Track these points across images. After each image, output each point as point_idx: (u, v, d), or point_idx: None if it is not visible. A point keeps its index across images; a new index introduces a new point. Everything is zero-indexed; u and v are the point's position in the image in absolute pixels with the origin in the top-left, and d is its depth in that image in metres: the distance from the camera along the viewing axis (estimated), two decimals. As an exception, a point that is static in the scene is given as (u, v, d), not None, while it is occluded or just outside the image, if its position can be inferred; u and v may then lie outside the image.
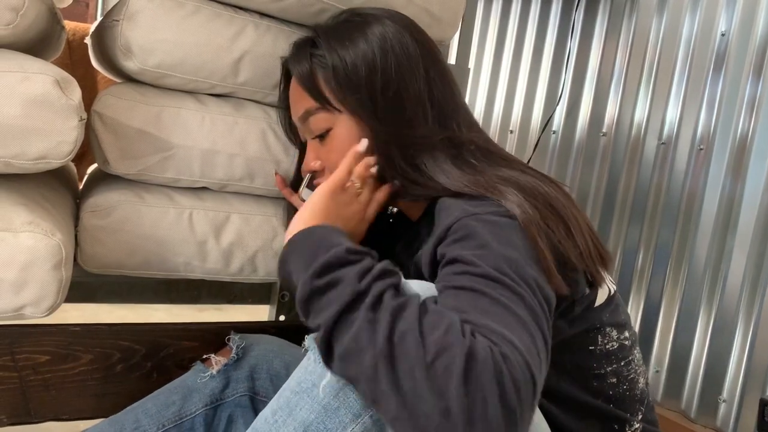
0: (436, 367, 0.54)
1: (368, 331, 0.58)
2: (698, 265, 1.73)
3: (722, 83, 1.72)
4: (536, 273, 0.67)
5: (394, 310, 0.58)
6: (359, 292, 0.61)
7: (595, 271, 0.77)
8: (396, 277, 0.65)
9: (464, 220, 0.71)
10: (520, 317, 0.60)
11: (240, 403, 1.00)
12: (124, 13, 0.92)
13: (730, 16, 1.72)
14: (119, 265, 0.98)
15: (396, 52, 0.86)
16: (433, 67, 0.89)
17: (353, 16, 0.92)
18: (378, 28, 0.87)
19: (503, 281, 0.63)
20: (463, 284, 0.63)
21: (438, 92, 0.88)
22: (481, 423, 0.52)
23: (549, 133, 2.19)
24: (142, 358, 1.08)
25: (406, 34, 0.88)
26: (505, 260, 0.65)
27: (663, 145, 1.85)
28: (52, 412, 1.04)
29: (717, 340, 1.67)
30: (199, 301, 1.65)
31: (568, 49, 2.15)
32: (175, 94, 1.00)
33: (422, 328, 0.57)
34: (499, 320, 0.59)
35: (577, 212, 0.77)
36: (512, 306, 0.61)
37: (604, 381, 0.82)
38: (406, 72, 0.86)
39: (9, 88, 0.76)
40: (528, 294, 0.63)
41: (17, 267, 0.77)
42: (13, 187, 0.85)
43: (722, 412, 1.66)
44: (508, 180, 0.77)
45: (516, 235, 0.70)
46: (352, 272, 0.63)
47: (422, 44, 0.90)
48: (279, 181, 1.03)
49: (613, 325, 0.83)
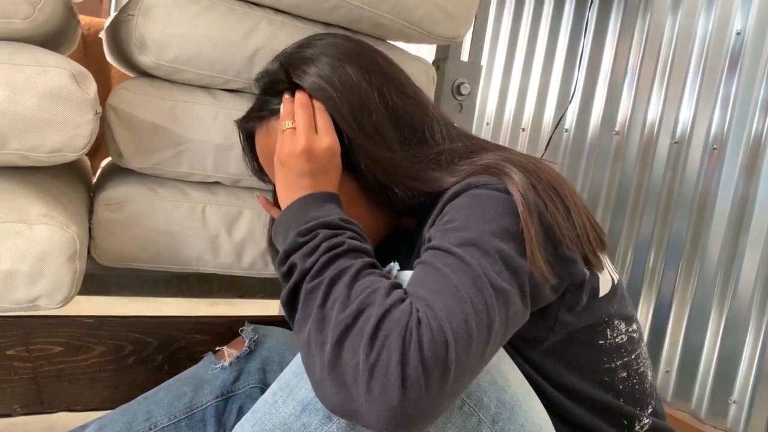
0: (355, 327, 0.58)
1: (307, 301, 0.63)
2: (710, 265, 1.72)
3: (736, 83, 1.71)
4: (506, 245, 0.66)
5: (330, 280, 0.63)
6: (308, 265, 0.66)
7: (592, 255, 0.76)
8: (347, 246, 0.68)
9: (456, 200, 0.72)
10: (455, 285, 0.61)
11: (251, 395, 1.01)
12: (139, 8, 0.92)
13: (745, 15, 1.71)
14: (132, 258, 0.99)
15: (336, 89, 0.83)
16: (386, 87, 0.85)
17: (287, 64, 0.89)
18: (313, 70, 0.85)
19: (454, 251, 0.64)
20: (422, 259, 0.66)
21: (403, 112, 0.85)
22: (380, 380, 0.55)
23: (561, 132, 2.18)
24: (154, 351, 1.09)
25: (345, 65, 0.84)
26: (471, 233, 0.66)
27: (676, 145, 1.84)
28: (64, 402, 1.05)
29: (728, 341, 1.67)
30: (211, 296, 1.66)
31: (581, 47, 2.14)
32: (189, 89, 1.01)
33: (350, 293, 0.61)
34: (430, 287, 0.61)
35: (576, 196, 0.77)
36: (451, 274, 0.62)
37: (615, 375, 0.82)
38: (353, 106, 0.83)
39: (26, 82, 0.77)
40: (482, 262, 0.63)
41: (32, 259, 0.78)
42: (29, 180, 0.86)
43: (733, 413, 1.65)
44: (510, 160, 0.77)
45: (499, 208, 0.69)
46: (307, 249, 0.68)
47: (367, 68, 0.86)
48: (264, 202, 1.01)
49: (622, 318, 0.83)
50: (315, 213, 0.73)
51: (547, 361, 0.79)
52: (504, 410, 0.70)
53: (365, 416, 0.56)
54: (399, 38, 1.18)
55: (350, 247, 0.67)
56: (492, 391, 0.69)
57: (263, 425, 0.69)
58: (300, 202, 0.77)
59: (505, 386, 0.71)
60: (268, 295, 1.52)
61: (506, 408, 0.70)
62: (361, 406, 0.56)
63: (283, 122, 0.82)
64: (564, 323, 0.76)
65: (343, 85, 0.83)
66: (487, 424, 0.69)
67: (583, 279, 0.74)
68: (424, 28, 1.12)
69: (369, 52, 0.90)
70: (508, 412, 0.70)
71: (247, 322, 1.08)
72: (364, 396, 0.56)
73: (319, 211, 0.74)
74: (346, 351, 0.58)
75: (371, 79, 0.84)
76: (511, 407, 0.70)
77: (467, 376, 0.59)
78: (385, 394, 0.55)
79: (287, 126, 0.81)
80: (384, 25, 1.09)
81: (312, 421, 0.67)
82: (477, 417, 0.68)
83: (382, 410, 0.55)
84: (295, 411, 0.68)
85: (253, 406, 0.72)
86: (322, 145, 0.80)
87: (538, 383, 0.79)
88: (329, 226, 0.70)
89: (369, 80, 0.84)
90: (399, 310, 0.58)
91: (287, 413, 0.68)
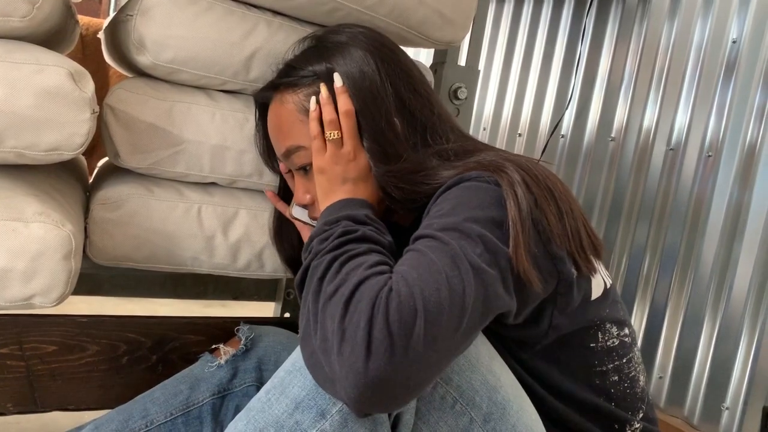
0: (336, 296, 0.62)
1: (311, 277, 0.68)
2: (704, 272, 1.72)
3: (732, 90, 1.71)
4: (488, 231, 0.67)
5: (332, 257, 0.67)
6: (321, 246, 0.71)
7: (584, 259, 0.75)
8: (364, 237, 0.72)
9: (446, 193, 0.74)
10: (431, 260, 0.63)
11: (248, 393, 1.01)
12: (138, 8, 0.93)
13: (741, 23, 1.72)
14: (127, 258, 0.99)
15: (359, 86, 0.86)
16: (404, 85, 0.88)
17: (318, 43, 0.93)
18: (339, 60, 0.87)
19: (436, 235, 0.66)
20: (410, 247, 0.69)
21: (415, 110, 0.87)
22: (349, 343, 0.57)
23: (557, 137, 2.19)
24: (148, 351, 1.09)
25: (369, 59, 0.87)
26: (455, 218, 0.68)
27: (671, 151, 1.85)
28: (57, 401, 1.05)
29: (721, 348, 1.67)
30: (205, 297, 1.66)
31: (579, 53, 2.15)
32: (187, 89, 1.01)
33: (341, 268, 0.65)
34: (408, 263, 0.64)
35: (572, 199, 0.77)
36: (429, 252, 0.64)
37: (607, 378, 0.82)
38: (372, 103, 0.85)
39: (23, 80, 0.77)
40: (461, 243, 0.65)
41: (28, 257, 0.78)
42: (25, 178, 0.86)
43: (725, 419, 1.65)
44: (508, 159, 0.78)
45: (486, 198, 0.70)
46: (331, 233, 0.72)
47: (389, 64, 0.88)
48: (271, 196, 1.04)
49: (613, 322, 0.83)
50: (347, 211, 0.78)
51: (539, 363, 0.80)
52: (496, 410, 0.70)
53: (338, 384, 0.58)
54: (397, 42, 1.18)
55: (363, 235, 0.71)
56: (484, 390, 0.69)
57: (256, 423, 0.69)
58: (340, 203, 0.81)
59: (497, 386, 0.71)
60: (262, 297, 1.52)
61: (498, 408, 0.70)
62: (336, 373, 0.59)
63: (328, 130, 0.84)
64: (557, 327, 0.77)
65: (369, 80, 0.85)
66: (478, 424, 0.69)
67: (571, 279, 0.75)
68: (422, 32, 1.13)
69: (392, 47, 0.92)
70: (500, 412, 0.70)
71: (243, 322, 1.09)
72: (337, 360, 0.58)
73: (354, 211, 0.77)
74: (327, 317, 0.61)
75: (391, 75, 0.87)
76: (503, 407, 0.71)
77: (440, 347, 0.60)
78: (352, 355, 0.57)
79: (334, 136, 0.84)
80: (382, 29, 1.09)
81: (305, 418, 0.67)
82: (469, 416, 0.69)
83: (350, 373, 0.57)
84: (288, 409, 0.68)
85: (247, 404, 0.72)
86: (365, 156, 0.84)
87: (529, 385, 0.79)
88: (353, 219, 0.75)
89: (389, 76, 0.87)
90: (375, 279, 0.61)
91: (280, 411, 0.68)
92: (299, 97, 0.89)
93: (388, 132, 0.84)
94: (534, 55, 2.32)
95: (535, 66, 2.32)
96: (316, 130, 0.85)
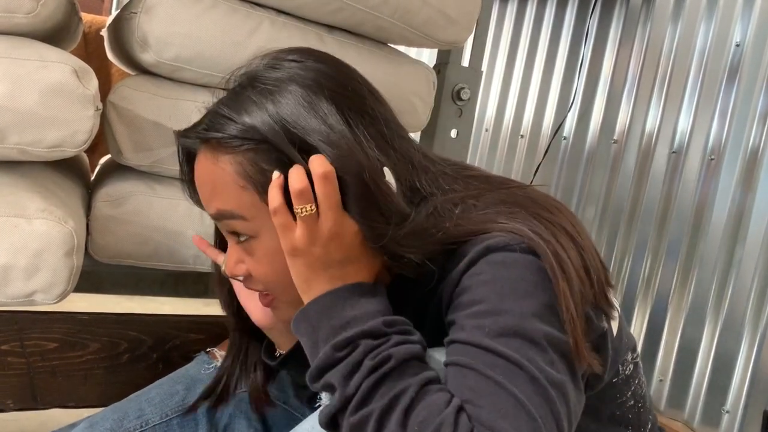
0: None
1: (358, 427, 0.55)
2: (706, 276, 1.72)
3: (735, 94, 1.71)
4: (549, 325, 0.58)
5: (380, 414, 0.54)
6: (350, 391, 0.57)
7: (608, 305, 0.67)
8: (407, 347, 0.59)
9: (474, 268, 0.62)
10: (515, 397, 0.53)
11: (243, 398, 1.01)
12: (142, 6, 0.93)
13: (744, 27, 1.71)
14: (129, 256, 0.99)
15: (331, 141, 0.64)
16: (374, 120, 0.68)
17: (255, 81, 0.69)
18: (288, 109, 0.65)
19: (496, 349, 0.56)
20: (459, 360, 0.57)
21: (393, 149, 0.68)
22: None
23: (560, 139, 2.19)
24: (149, 349, 1.09)
25: (323, 96, 0.66)
26: (508, 318, 0.57)
27: (674, 155, 1.85)
28: (57, 399, 1.05)
29: (722, 351, 1.67)
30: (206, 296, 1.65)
31: (582, 55, 2.14)
32: (190, 87, 1.01)
33: (407, 422, 0.53)
34: (492, 406, 0.53)
35: (584, 236, 0.67)
36: (506, 381, 0.54)
37: (625, 406, 0.76)
38: (347, 158, 0.64)
39: (27, 76, 0.77)
40: (529, 356, 0.56)
41: (30, 253, 0.78)
42: (28, 175, 0.86)
43: (725, 423, 1.65)
44: (520, 205, 0.67)
45: (530, 278, 0.60)
46: (351, 362, 0.58)
47: (346, 99, 0.67)
48: (198, 241, 0.85)
49: (630, 349, 0.76)
50: (350, 313, 0.61)
51: None
52: None
53: None
54: (400, 42, 1.18)
55: (398, 360, 0.57)
56: None
57: None
58: (330, 298, 0.63)
59: None
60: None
61: None
62: None
63: (300, 205, 0.62)
64: (592, 386, 0.69)
65: (336, 131, 0.65)
66: None
67: (604, 335, 0.67)
68: (426, 33, 1.13)
69: (356, 81, 0.71)
70: None
71: None
72: None
73: (355, 310, 0.62)
74: None
75: (364, 120, 0.67)
76: None
77: None
78: None
79: (308, 210, 0.62)
80: (386, 29, 1.09)
81: None
82: None
83: None
84: None
85: None
86: (353, 228, 0.64)
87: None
88: (371, 336, 0.59)
89: (363, 122, 0.67)
90: None
91: None
92: (237, 159, 0.66)
93: (382, 192, 0.64)
94: (537, 56, 2.32)
95: (537, 67, 2.31)
96: (278, 201, 0.63)
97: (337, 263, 0.64)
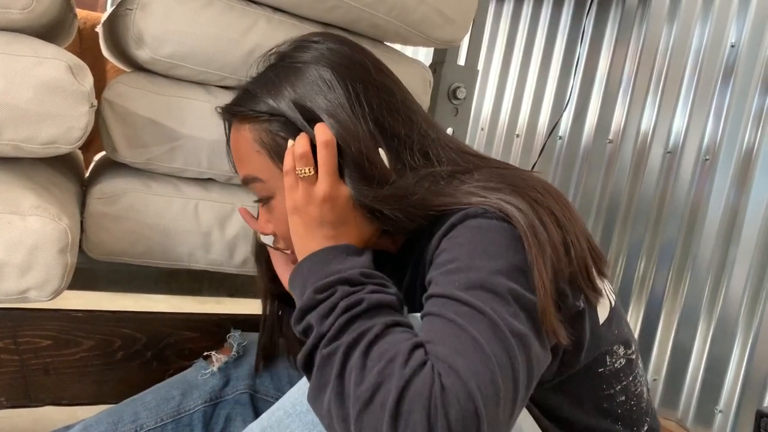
0: (374, 403, 0.54)
1: (323, 367, 0.59)
2: (700, 275, 1.73)
3: (730, 95, 1.72)
4: (516, 283, 0.61)
5: (347, 347, 0.58)
6: (324, 329, 0.61)
7: (591, 288, 0.70)
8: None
9: (452, 232, 0.67)
10: (475, 339, 0.56)
11: (240, 401, 1.00)
12: (137, 3, 0.92)
13: (740, 28, 1.72)
14: (123, 253, 0.99)
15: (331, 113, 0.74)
16: (384, 106, 0.77)
17: (279, 62, 0.81)
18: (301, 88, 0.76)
19: (463, 298, 0.59)
20: (431, 310, 0.61)
21: (398, 132, 0.76)
22: None
23: (555, 139, 2.19)
24: (143, 347, 1.09)
25: (339, 81, 0.76)
26: (477, 273, 0.61)
27: (669, 155, 1.85)
28: (51, 396, 1.04)
29: (716, 351, 1.67)
30: (201, 294, 1.65)
31: (578, 55, 2.15)
32: (186, 84, 1.01)
33: (366, 362, 0.56)
34: (450, 344, 0.56)
35: (574, 217, 0.71)
36: (468, 326, 0.57)
37: (614, 400, 0.78)
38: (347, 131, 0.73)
39: (22, 72, 0.77)
40: (493, 306, 0.59)
41: (24, 250, 0.78)
42: (22, 171, 0.85)
43: (718, 422, 1.66)
44: (506, 181, 0.71)
45: (502, 241, 0.64)
46: (326, 306, 0.63)
47: (362, 84, 0.76)
48: (244, 214, 0.92)
49: (621, 343, 0.78)
50: (336, 266, 0.67)
51: (550, 396, 0.75)
52: None
53: None
54: (396, 40, 1.18)
55: (369, 304, 0.61)
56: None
57: None
58: (320, 255, 0.70)
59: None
60: (258, 294, 1.51)
61: None
62: None
63: (300, 166, 0.72)
64: (569, 363, 0.72)
65: (341, 106, 0.74)
66: None
67: (582, 314, 0.70)
68: (422, 31, 1.13)
69: (364, 64, 0.80)
70: None
71: (233, 328, 1.08)
72: None
73: (341, 264, 0.67)
74: (367, 429, 0.53)
75: (366, 96, 0.76)
76: None
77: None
78: None
79: (306, 173, 0.72)
80: (382, 27, 1.09)
81: None
82: None
83: None
84: None
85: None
86: (346, 193, 0.72)
87: (536, 416, 0.75)
88: (348, 282, 0.64)
89: (363, 98, 0.76)
90: (420, 379, 0.53)
91: None
92: (256, 128, 0.78)
93: (371, 160, 0.73)
94: (533, 56, 2.32)
95: (533, 67, 2.32)
96: (290, 165, 0.73)
97: (329, 224, 0.72)
